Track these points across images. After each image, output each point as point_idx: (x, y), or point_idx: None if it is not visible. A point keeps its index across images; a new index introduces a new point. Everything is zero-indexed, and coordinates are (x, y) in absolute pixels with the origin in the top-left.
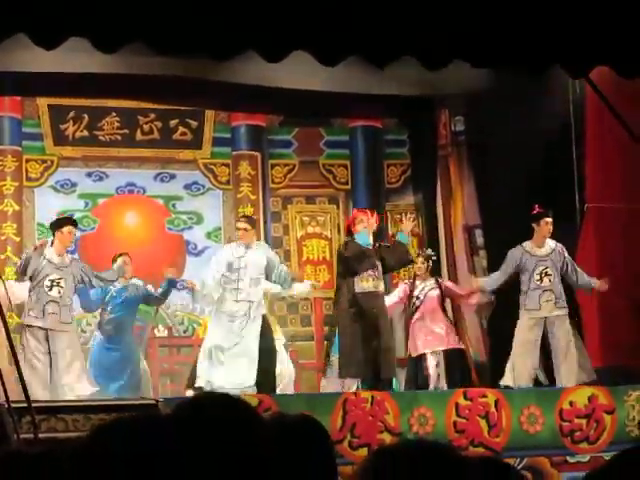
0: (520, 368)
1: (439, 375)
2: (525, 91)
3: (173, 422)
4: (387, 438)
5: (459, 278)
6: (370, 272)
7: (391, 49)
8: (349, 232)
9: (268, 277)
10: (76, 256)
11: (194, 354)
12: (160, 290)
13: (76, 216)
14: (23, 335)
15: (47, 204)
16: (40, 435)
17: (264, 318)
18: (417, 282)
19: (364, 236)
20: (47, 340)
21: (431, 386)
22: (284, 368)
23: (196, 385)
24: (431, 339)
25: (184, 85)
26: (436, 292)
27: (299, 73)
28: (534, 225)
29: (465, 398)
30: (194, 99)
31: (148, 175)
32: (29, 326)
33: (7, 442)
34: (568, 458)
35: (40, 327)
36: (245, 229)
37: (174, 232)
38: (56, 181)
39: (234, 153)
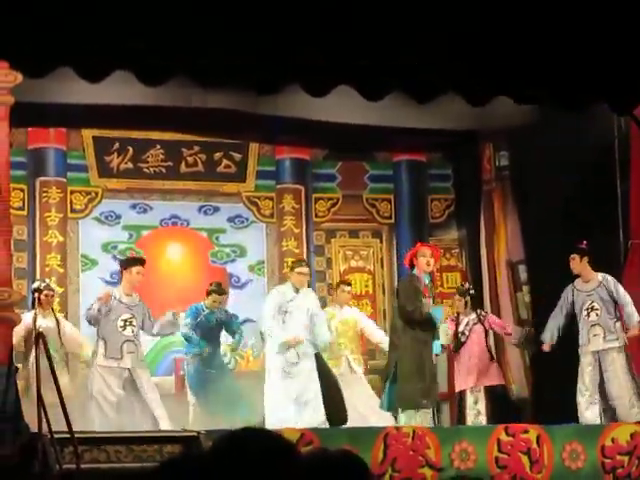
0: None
1: (479, 412)
2: (569, 126)
3: (213, 457)
4: (428, 473)
5: (502, 314)
6: None
7: (435, 85)
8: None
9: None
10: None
11: None
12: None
13: (120, 248)
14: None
15: (91, 235)
16: (82, 466)
17: (317, 356)
18: (461, 317)
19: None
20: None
21: (468, 423)
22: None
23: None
24: (471, 376)
25: (228, 118)
26: (480, 326)
27: (343, 107)
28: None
29: (507, 434)
30: (238, 132)
31: (192, 207)
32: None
33: (49, 473)
34: None
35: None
36: (308, 274)
37: (217, 265)
38: (100, 212)
39: (278, 186)
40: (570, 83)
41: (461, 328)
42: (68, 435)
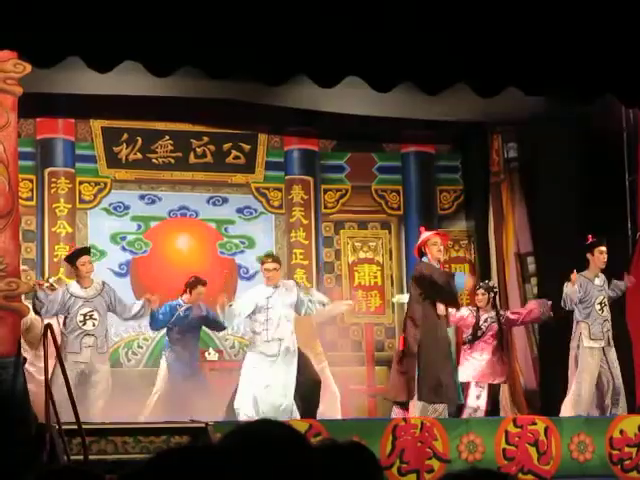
0: (585, 396)
1: (478, 407)
2: (578, 118)
3: (224, 448)
4: (436, 464)
5: (510, 305)
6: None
7: (444, 76)
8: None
9: (298, 311)
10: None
11: None
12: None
13: (129, 239)
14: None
15: (100, 226)
16: (90, 457)
17: (300, 353)
18: (480, 312)
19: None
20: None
21: (464, 415)
22: (329, 392)
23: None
24: (479, 371)
25: (237, 109)
26: (496, 325)
27: (352, 98)
28: (588, 255)
29: (515, 425)
30: (247, 123)
31: (201, 198)
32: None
33: (57, 463)
34: None
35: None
36: (275, 269)
37: (226, 256)
38: (109, 203)
39: (287, 177)
40: (579, 75)
41: (480, 323)
42: (76, 426)
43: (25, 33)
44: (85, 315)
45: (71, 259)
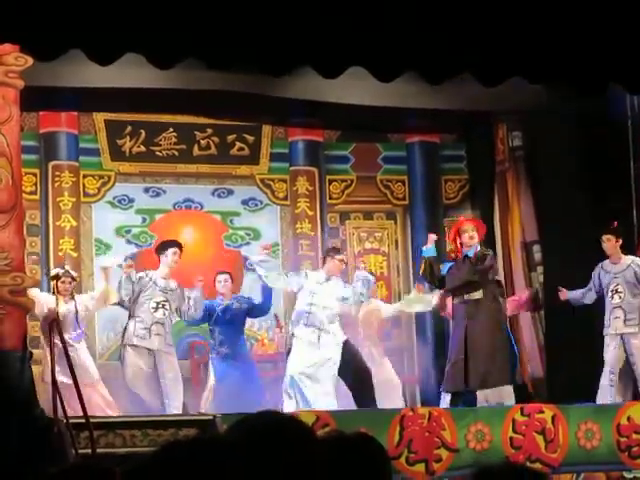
0: (604, 384)
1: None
2: (583, 106)
3: (228, 441)
4: (444, 454)
5: (516, 294)
6: None
7: (447, 66)
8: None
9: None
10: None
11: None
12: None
13: (133, 232)
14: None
15: (104, 220)
16: (98, 450)
17: (349, 345)
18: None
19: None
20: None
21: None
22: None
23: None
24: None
25: (240, 100)
26: None
27: (356, 88)
28: (602, 242)
29: (522, 414)
30: (251, 114)
31: (205, 191)
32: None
33: (65, 457)
34: (625, 474)
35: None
36: (343, 261)
37: (232, 248)
38: (113, 197)
39: (291, 169)
40: (583, 62)
41: None
42: (83, 420)
43: (26, 26)
44: (158, 303)
45: (162, 248)
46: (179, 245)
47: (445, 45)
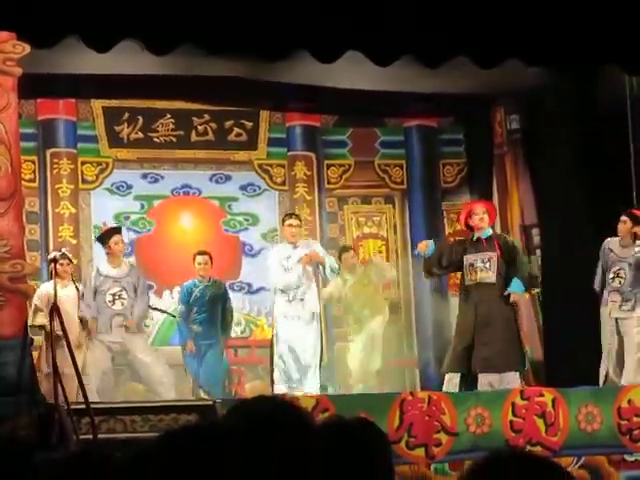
0: (602, 368)
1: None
2: (581, 88)
3: (226, 427)
4: (444, 438)
5: None
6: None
7: (444, 49)
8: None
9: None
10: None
11: (251, 355)
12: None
13: (132, 218)
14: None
15: (103, 206)
16: (99, 436)
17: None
18: None
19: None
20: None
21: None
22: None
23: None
24: None
25: (237, 86)
26: None
27: (353, 73)
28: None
29: (522, 397)
30: (248, 100)
31: (203, 176)
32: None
33: (67, 443)
34: (626, 457)
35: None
36: (298, 225)
37: (230, 233)
38: (112, 183)
39: (289, 154)
40: (580, 44)
41: None
42: (84, 406)
43: (23, 13)
44: (114, 295)
45: (103, 239)
46: (119, 231)
47: (442, 28)
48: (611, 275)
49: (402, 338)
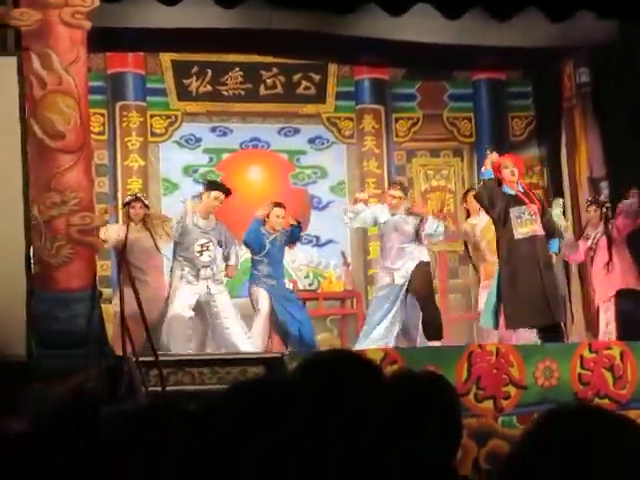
0: None
1: (607, 324)
2: None
3: (295, 381)
4: (512, 391)
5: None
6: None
7: (514, 1)
8: None
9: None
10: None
11: (319, 307)
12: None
13: (200, 171)
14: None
15: (172, 159)
16: (167, 388)
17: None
18: (589, 231)
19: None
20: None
21: (600, 336)
22: None
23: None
24: (599, 289)
25: (307, 39)
26: (605, 238)
27: (422, 26)
28: None
29: (590, 351)
30: (317, 53)
31: (272, 130)
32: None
33: (135, 395)
34: None
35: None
36: (400, 197)
37: (299, 186)
38: (181, 136)
39: (358, 107)
40: None
41: (589, 243)
42: (153, 358)
43: None
44: (202, 246)
45: (209, 187)
46: (226, 191)
47: None
48: None
49: (469, 291)
